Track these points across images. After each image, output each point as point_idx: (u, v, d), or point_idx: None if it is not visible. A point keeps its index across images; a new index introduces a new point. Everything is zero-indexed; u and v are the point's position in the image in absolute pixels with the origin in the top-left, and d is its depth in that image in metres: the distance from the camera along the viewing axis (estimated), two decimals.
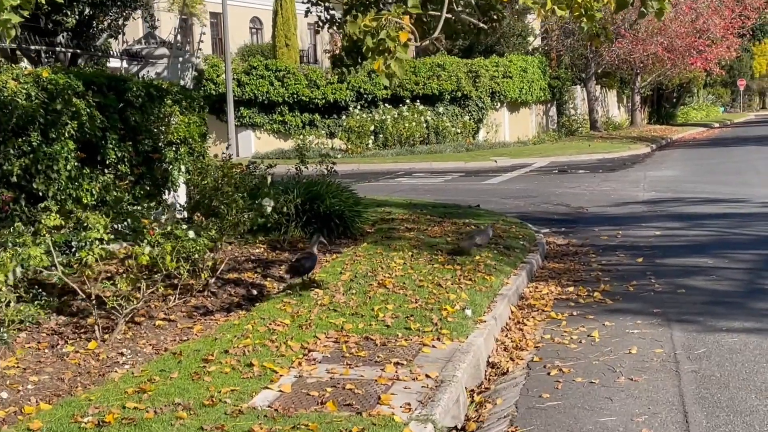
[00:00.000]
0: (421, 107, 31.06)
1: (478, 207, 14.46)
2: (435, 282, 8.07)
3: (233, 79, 29.35)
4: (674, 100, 56.98)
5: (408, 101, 31.16)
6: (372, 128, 30.27)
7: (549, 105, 40.15)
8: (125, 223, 7.72)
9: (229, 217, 8.39)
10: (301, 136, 30.20)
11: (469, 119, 32.32)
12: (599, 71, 41.91)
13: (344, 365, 5.76)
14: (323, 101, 30.66)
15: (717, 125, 53.56)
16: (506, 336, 7.11)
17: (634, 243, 11.33)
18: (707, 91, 71.81)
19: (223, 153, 10.63)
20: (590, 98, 41.44)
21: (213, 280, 8.10)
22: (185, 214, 10.22)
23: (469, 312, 7.05)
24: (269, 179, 10.81)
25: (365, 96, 31.00)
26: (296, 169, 12.18)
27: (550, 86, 38.59)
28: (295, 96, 30.47)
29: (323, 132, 30.93)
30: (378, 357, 5.92)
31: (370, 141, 30.21)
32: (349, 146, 29.92)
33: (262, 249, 10.09)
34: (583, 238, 11.96)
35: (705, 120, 59.06)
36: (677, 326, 7.04)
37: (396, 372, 5.62)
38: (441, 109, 31.53)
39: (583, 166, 25.17)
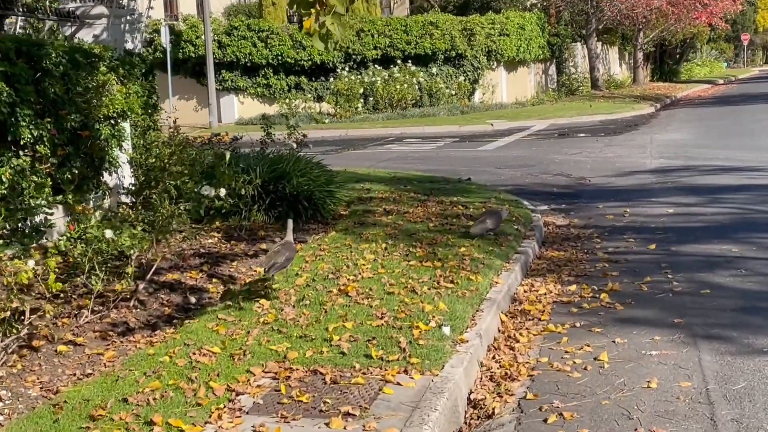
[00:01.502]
0: (414, 68, 29.33)
1: (469, 180, 13.04)
2: (409, 286, 6.69)
3: (214, 40, 27.73)
4: (677, 56, 55.27)
5: (399, 62, 29.44)
6: (361, 91, 28.58)
7: (548, 63, 38.46)
8: (27, 221, 6.37)
9: (162, 210, 6.99)
10: (287, 100, 28.57)
11: (464, 80, 30.67)
12: (600, 27, 40.18)
13: (278, 417, 4.41)
14: (310, 63, 28.98)
15: (721, 81, 52.08)
16: (493, 358, 5.75)
17: (644, 224, 9.94)
18: (710, 47, 70.08)
19: (170, 128, 9.19)
20: (591, 56, 39.75)
21: (143, 285, 6.74)
22: (132, 198, 8.89)
23: (447, 330, 5.68)
24: (228, 156, 9.43)
25: (354, 57, 29.34)
26: (261, 143, 10.84)
27: (549, 44, 36.89)
28: (280, 58, 28.81)
29: (310, 96, 29.27)
30: (324, 403, 4.56)
31: (360, 104, 28.57)
32: (338, 110, 28.28)
33: (217, 238, 8.73)
34: (586, 217, 10.58)
35: (709, 76, 57.58)
36: (705, 345, 5.66)
37: (344, 428, 4.28)
38: (434, 70, 29.86)
39: (584, 128, 23.68)
